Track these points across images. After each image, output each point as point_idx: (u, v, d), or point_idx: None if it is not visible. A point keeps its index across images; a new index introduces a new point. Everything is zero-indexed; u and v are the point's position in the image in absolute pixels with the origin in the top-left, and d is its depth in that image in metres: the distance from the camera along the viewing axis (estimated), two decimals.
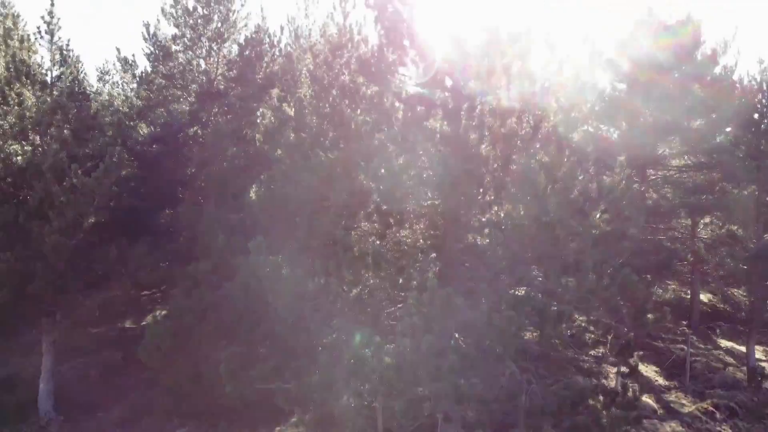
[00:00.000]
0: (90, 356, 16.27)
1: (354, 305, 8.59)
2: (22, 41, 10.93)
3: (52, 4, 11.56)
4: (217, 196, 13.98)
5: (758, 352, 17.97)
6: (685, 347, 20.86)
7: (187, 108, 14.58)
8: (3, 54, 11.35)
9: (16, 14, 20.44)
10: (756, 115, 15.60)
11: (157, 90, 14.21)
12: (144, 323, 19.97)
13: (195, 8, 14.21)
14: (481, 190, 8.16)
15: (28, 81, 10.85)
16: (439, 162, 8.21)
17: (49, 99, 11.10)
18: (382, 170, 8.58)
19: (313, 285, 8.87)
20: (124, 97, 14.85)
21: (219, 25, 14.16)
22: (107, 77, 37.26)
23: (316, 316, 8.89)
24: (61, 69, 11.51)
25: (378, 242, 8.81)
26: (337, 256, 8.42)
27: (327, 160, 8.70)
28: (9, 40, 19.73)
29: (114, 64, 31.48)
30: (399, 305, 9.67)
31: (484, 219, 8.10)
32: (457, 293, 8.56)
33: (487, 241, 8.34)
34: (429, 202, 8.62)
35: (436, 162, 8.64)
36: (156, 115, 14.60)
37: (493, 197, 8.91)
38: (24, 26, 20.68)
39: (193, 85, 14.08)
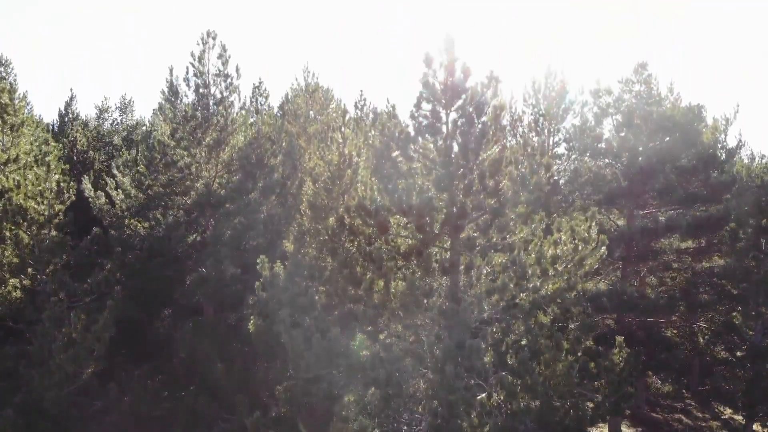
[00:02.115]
0: None
1: None
2: (18, 185, 10.86)
3: (44, 149, 11.46)
4: (215, 307, 14.01)
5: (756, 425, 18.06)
6: (683, 417, 20.94)
7: (187, 206, 14.55)
8: None
9: (12, 88, 20.39)
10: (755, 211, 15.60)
11: (156, 197, 14.16)
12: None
13: (194, 115, 14.14)
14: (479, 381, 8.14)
15: (25, 223, 10.81)
16: (436, 360, 8.18)
17: (48, 235, 11.06)
18: (382, 353, 8.56)
19: None
20: (123, 196, 14.79)
21: (218, 133, 14.10)
22: (106, 114, 37.25)
23: None
24: (59, 205, 11.45)
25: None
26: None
27: (328, 341, 8.65)
28: (5, 115, 19.72)
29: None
30: None
31: (483, 412, 8.09)
32: None
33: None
34: (425, 391, 8.60)
35: (433, 344, 8.64)
36: (154, 217, 14.56)
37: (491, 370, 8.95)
38: (21, 99, 20.63)
39: (192, 193, 14.04)
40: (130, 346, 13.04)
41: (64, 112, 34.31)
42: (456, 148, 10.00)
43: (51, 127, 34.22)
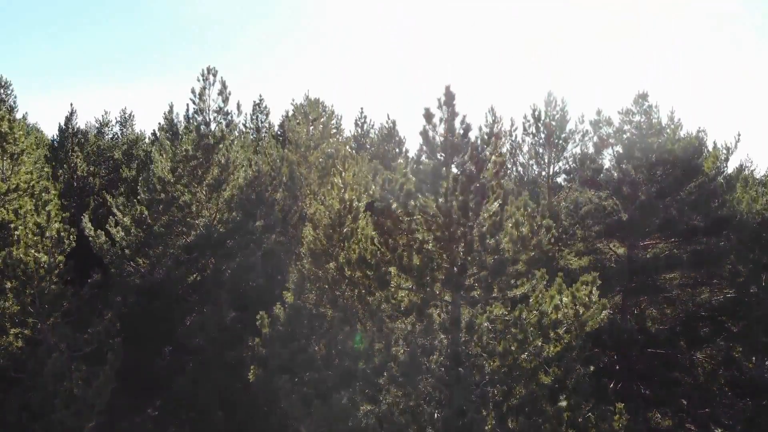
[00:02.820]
0: None
1: None
2: (18, 240, 10.86)
3: (45, 197, 11.47)
4: (216, 348, 14.01)
5: None
6: None
7: (187, 244, 14.56)
8: None
9: (12, 116, 20.34)
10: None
11: (157, 235, 14.18)
12: None
13: (194, 155, 14.15)
14: None
15: (26, 277, 10.83)
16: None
17: (48, 287, 11.08)
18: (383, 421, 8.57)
19: None
20: (123, 233, 14.81)
21: (219, 173, 14.11)
22: (106, 129, 37.26)
23: None
24: (60, 256, 11.45)
25: None
26: None
27: (328, 407, 8.66)
28: (5, 144, 19.68)
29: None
30: None
31: None
32: None
33: None
34: None
35: (434, 410, 8.64)
36: (155, 254, 14.58)
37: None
38: (20, 128, 20.53)
39: (192, 232, 14.06)
40: (130, 387, 13.03)
41: (64, 127, 34.35)
42: (456, 203, 10.02)
43: (52, 141, 34.33)
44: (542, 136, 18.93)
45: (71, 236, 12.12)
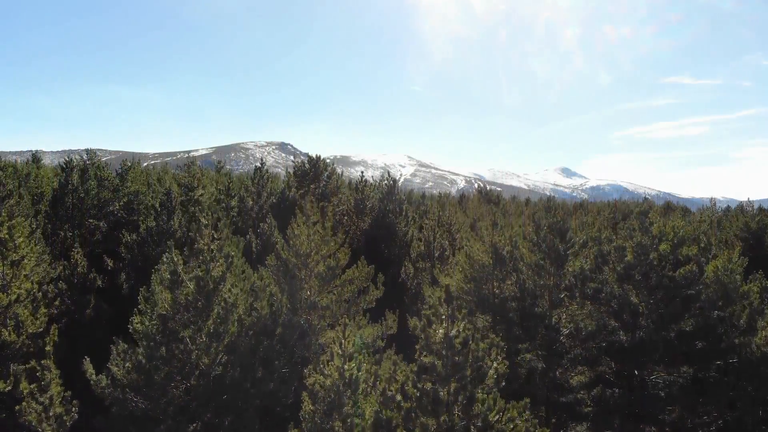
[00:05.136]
0: None
1: None
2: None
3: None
4: None
5: None
6: None
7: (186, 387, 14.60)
8: None
9: (12, 226, 20.09)
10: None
11: (157, 385, 14.21)
12: None
13: (196, 300, 14.14)
14: None
15: None
16: None
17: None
18: None
19: None
20: (124, 372, 14.84)
21: (218, 321, 14.11)
22: (106, 182, 37.03)
23: None
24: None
25: None
26: None
27: None
28: (5, 251, 19.44)
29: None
30: None
31: None
32: None
33: None
34: None
35: None
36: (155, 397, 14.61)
37: None
38: (21, 234, 20.38)
39: (192, 380, 14.11)
40: None
41: (64, 182, 34.31)
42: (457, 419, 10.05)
43: (53, 196, 34.28)
44: (543, 246, 18.87)
45: (74, 409, 12.23)
